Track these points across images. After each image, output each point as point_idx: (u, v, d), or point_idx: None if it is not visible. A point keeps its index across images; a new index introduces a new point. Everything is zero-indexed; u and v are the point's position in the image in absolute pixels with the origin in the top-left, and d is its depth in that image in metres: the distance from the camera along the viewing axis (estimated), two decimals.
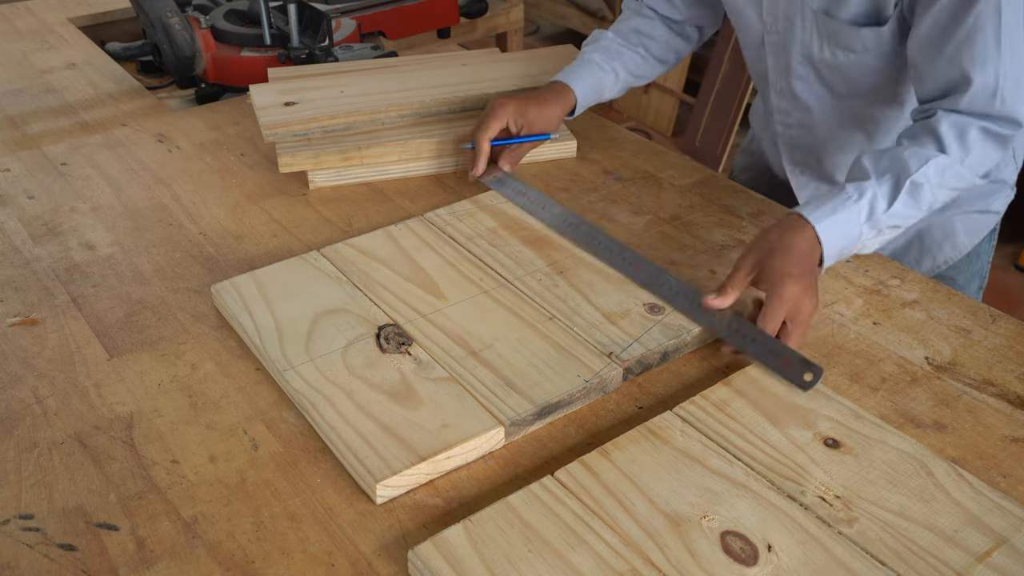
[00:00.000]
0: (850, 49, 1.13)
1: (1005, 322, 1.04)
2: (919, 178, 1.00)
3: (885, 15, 1.08)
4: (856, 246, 1.02)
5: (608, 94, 1.36)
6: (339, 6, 1.83)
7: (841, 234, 1.00)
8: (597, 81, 1.33)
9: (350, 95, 1.37)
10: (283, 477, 0.84)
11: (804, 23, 1.15)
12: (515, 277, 1.07)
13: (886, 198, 1.00)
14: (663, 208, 1.26)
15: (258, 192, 1.30)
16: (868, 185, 1.01)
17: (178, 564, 0.76)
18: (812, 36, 1.15)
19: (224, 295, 1.03)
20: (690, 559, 0.73)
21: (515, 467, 0.86)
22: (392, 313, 1.00)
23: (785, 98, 1.28)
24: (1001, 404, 0.93)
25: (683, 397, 0.91)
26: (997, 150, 1.03)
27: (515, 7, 2.65)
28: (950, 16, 1.00)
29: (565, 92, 1.31)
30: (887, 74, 1.14)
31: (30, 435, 0.88)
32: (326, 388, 0.90)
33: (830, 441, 0.85)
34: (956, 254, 1.30)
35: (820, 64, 1.18)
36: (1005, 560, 0.74)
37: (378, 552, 0.77)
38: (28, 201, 1.28)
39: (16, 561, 0.76)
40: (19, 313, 1.05)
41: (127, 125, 1.50)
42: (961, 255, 1.30)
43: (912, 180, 1.00)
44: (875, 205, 1.00)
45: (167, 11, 1.56)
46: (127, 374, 0.96)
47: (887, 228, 1.02)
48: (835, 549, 0.74)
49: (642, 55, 1.36)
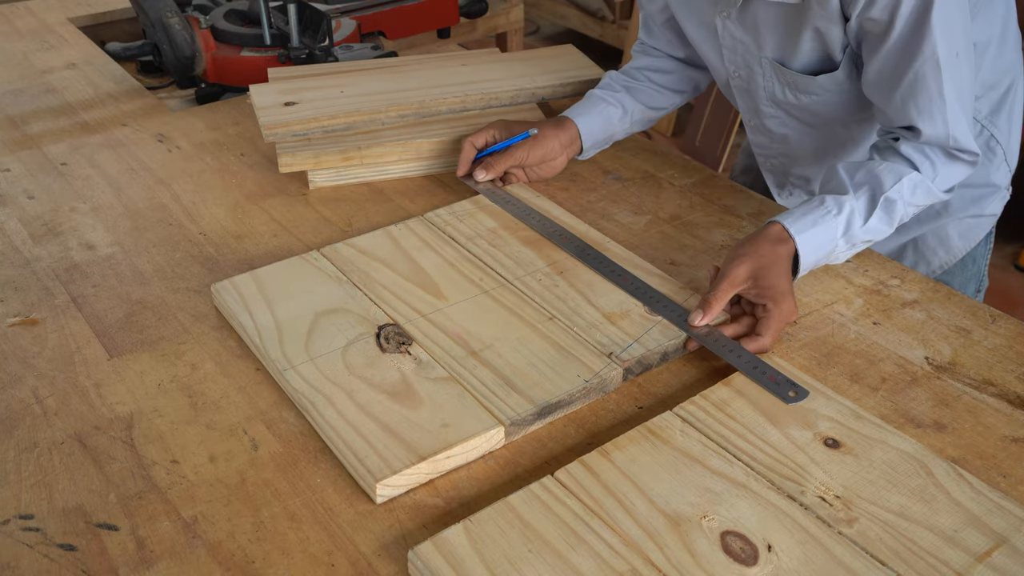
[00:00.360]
0: (810, 92, 1.15)
1: (1005, 322, 1.04)
2: (893, 195, 1.03)
3: (835, 61, 1.09)
4: (829, 258, 1.06)
5: (619, 127, 1.32)
6: (339, 6, 1.83)
7: (818, 247, 1.03)
8: (602, 115, 1.30)
9: (350, 95, 1.37)
10: (283, 477, 0.84)
11: (763, 71, 1.17)
12: (515, 277, 1.07)
13: (863, 214, 1.04)
14: (663, 208, 1.26)
15: (258, 192, 1.30)
16: (847, 200, 1.04)
17: (178, 564, 0.76)
18: (773, 82, 1.18)
19: (224, 295, 1.03)
20: (690, 559, 0.73)
21: (515, 467, 0.86)
22: (392, 313, 1.00)
23: (761, 133, 1.30)
24: (1001, 404, 0.93)
25: (683, 397, 0.91)
26: (964, 169, 1.07)
27: (515, 7, 2.65)
28: (892, 67, 1.02)
29: (565, 122, 1.29)
30: (854, 103, 1.15)
31: (30, 435, 0.88)
32: (326, 387, 0.90)
33: (830, 441, 0.85)
34: (951, 259, 1.30)
35: (785, 104, 1.20)
36: (1005, 560, 0.74)
37: (378, 552, 0.77)
38: (28, 201, 1.28)
39: (16, 561, 0.76)
40: (19, 313, 1.05)
41: (127, 125, 1.50)
42: (956, 260, 1.30)
43: (887, 196, 1.03)
44: (852, 220, 1.04)
45: (167, 11, 1.56)
46: (127, 374, 0.96)
47: (860, 243, 1.06)
48: (835, 549, 0.74)
49: (654, 88, 1.35)
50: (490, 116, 1.38)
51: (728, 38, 1.17)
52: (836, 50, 1.08)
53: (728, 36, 1.17)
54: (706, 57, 1.26)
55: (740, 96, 1.26)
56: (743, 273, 0.98)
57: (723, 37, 1.17)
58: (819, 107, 1.17)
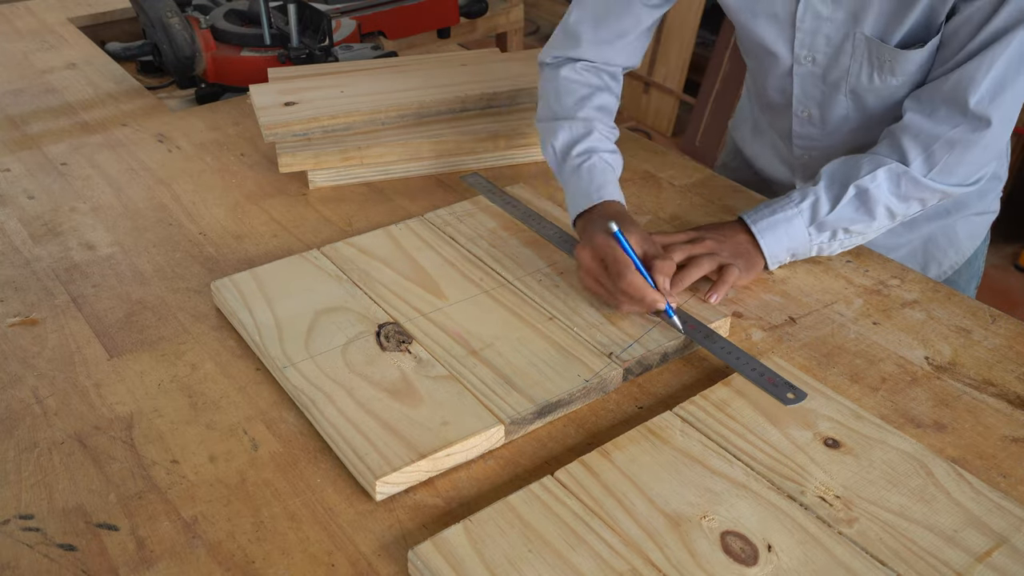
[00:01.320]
0: (896, 74, 1.09)
1: (1005, 322, 1.04)
2: (866, 183, 1.04)
3: (935, 28, 1.04)
4: (808, 248, 1.08)
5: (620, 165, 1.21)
6: (339, 6, 1.83)
7: (781, 236, 1.06)
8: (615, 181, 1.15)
9: (350, 95, 1.37)
10: (283, 477, 0.84)
11: (855, 51, 1.10)
12: (515, 277, 1.07)
13: (829, 202, 1.05)
14: (663, 208, 1.26)
15: (258, 192, 1.30)
16: (812, 190, 1.06)
17: (178, 564, 0.76)
18: (862, 64, 1.11)
19: (224, 292, 1.03)
20: (690, 559, 0.73)
21: (515, 467, 0.86)
22: (392, 311, 1.00)
23: (812, 124, 1.23)
24: (1001, 404, 0.93)
25: (683, 397, 0.91)
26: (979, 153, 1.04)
27: (515, 7, 2.65)
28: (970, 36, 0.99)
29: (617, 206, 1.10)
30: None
31: (30, 435, 0.88)
32: (326, 385, 0.90)
33: (830, 441, 0.85)
34: (960, 259, 1.30)
35: (863, 90, 1.14)
36: (1005, 560, 0.74)
37: (378, 552, 0.77)
38: (28, 201, 1.28)
39: (16, 561, 0.76)
40: (19, 313, 1.05)
41: (127, 125, 1.50)
42: (964, 259, 1.30)
43: (857, 184, 1.04)
44: (817, 208, 1.05)
45: (167, 11, 1.56)
46: (127, 374, 0.96)
47: (841, 232, 1.07)
48: (835, 549, 0.74)
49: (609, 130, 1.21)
50: (490, 116, 1.39)
51: (810, 18, 1.10)
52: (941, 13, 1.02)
53: (811, 16, 1.10)
54: (766, 47, 1.16)
55: (802, 83, 1.18)
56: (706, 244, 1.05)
57: (802, 18, 1.10)
58: (895, 92, 1.11)
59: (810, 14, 1.10)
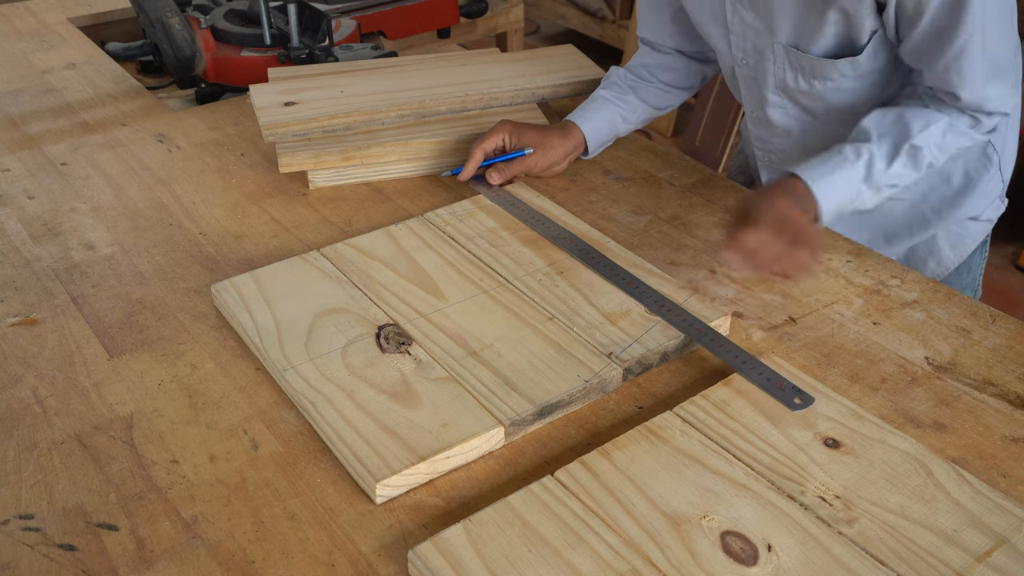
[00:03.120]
0: (826, 78, 1.13)
1: (1005, 322, 1.04)
2: (919, 141, 1.04)
3: (859, 46, 1.08)
4: (854, 204, 1.07)
5: (623, 127, 1.34)
6: (339, 6, 1.83)
7: (839, 192, 1.05)
8: (607, 119, 1.31)
9: (350, 95, 1.37)
10: (283, 477, 0.84)
11: (775, 57, 1.15)
12: (515, 277, 1.07)
13: (885, 159, 1.05)
14: (663, 208, 1.26)
15: (258, 192, 1.30)
16: (866, 148, 1.05)
17: (178, 564, 0.76)
18: (784, 69, 1.16)
19: (224, 294, 1.03)
20: (690, 559, 0.73)
21: (515, 467, 0.86)
22: (392, 313, 1.00)
23: (762, 125, 1.27)
24: (1001, 404, 0.93)
25: (683, 397, 0.91)
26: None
27: (515, 7, 2.65)
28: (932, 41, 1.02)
29: (570, 127, 1.29)
30: (869, 90, 1.14)
31: (30, 435, 0.88)
32: (326, 388, 0.90)
33: (830, 441, 0.85)
34: (943, 271, 1.29)
35: (795, 93, 1.18)
36: (1005, 560, 0.74)
37: (378, 552, 0.77)
38: (28, 201, 1.28)
39: (16, 561, 0.76)
40: (19, 313, 1.05)
41: (127, 125, 1.50)
42: (949, 271, 1.29)
43: (912, 143, 1.05)
44: (873, 165, 1.05)
45: (167, 11, 1.56)
46: (127, 374, 0.96)
47: (886, 187, 1.07)
48: (835, 549, 0.74)
49: (661, 87, 1.34)
50: (490, 116, 1.38)
51: (738, 24, 1.15)
52: (863, 34, 1.06)
53: (738, 22, 1.14)
54: (714, 46, 1.24)
55: (745, 85, 1.24)
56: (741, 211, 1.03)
57: (732, 23, 1.15)
58: (832, 94, 1.15)
59: (737, 19, 1.15)
